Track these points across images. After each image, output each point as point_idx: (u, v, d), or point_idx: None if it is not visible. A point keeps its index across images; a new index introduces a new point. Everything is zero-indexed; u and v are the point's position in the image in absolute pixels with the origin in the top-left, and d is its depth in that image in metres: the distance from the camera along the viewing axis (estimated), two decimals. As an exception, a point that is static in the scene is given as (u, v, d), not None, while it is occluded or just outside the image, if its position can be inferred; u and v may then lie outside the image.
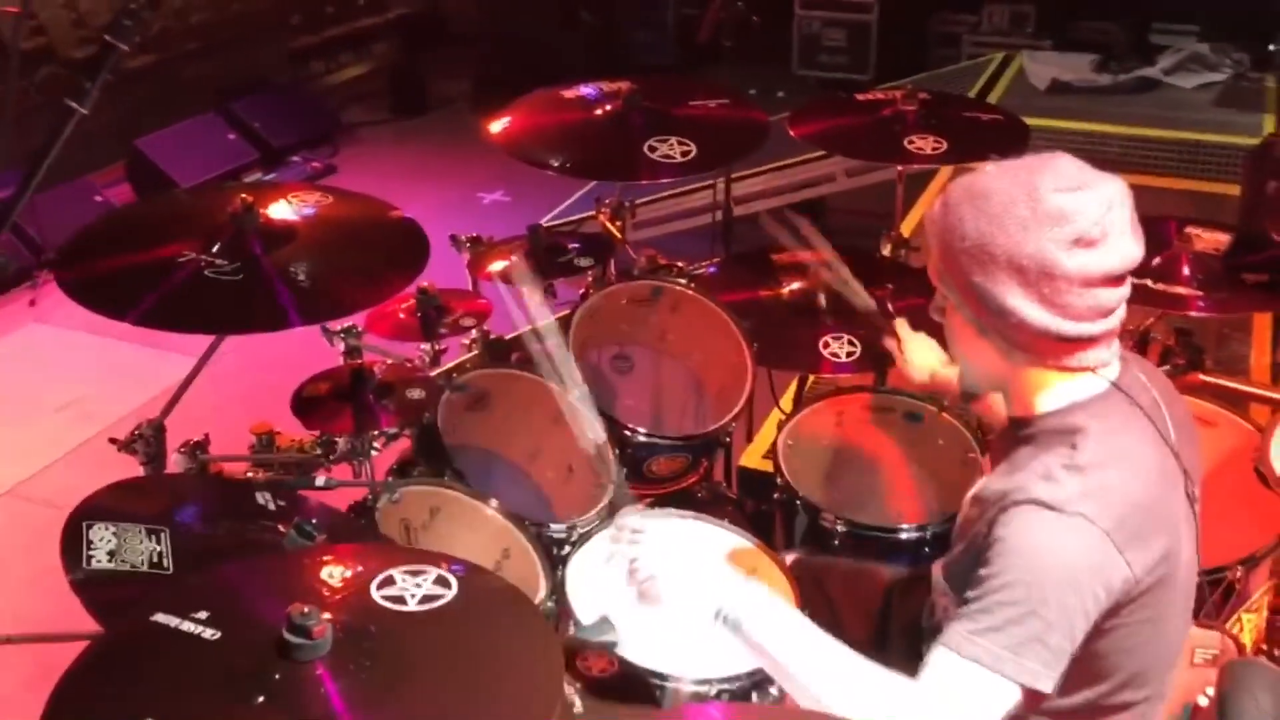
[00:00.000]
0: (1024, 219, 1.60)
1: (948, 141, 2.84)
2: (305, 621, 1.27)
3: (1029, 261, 1.61)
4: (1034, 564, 1.59)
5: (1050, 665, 1.59)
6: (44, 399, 4.37)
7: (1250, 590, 2.52)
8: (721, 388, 2.87)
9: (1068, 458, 1.65)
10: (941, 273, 1.73)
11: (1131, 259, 1.64)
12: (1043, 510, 1.60)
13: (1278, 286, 2.72)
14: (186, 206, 2.24)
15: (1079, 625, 1.60)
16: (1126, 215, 1.64)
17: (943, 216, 1.70)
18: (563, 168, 2.77)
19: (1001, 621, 1.58)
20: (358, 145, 7.21)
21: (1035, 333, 1.65)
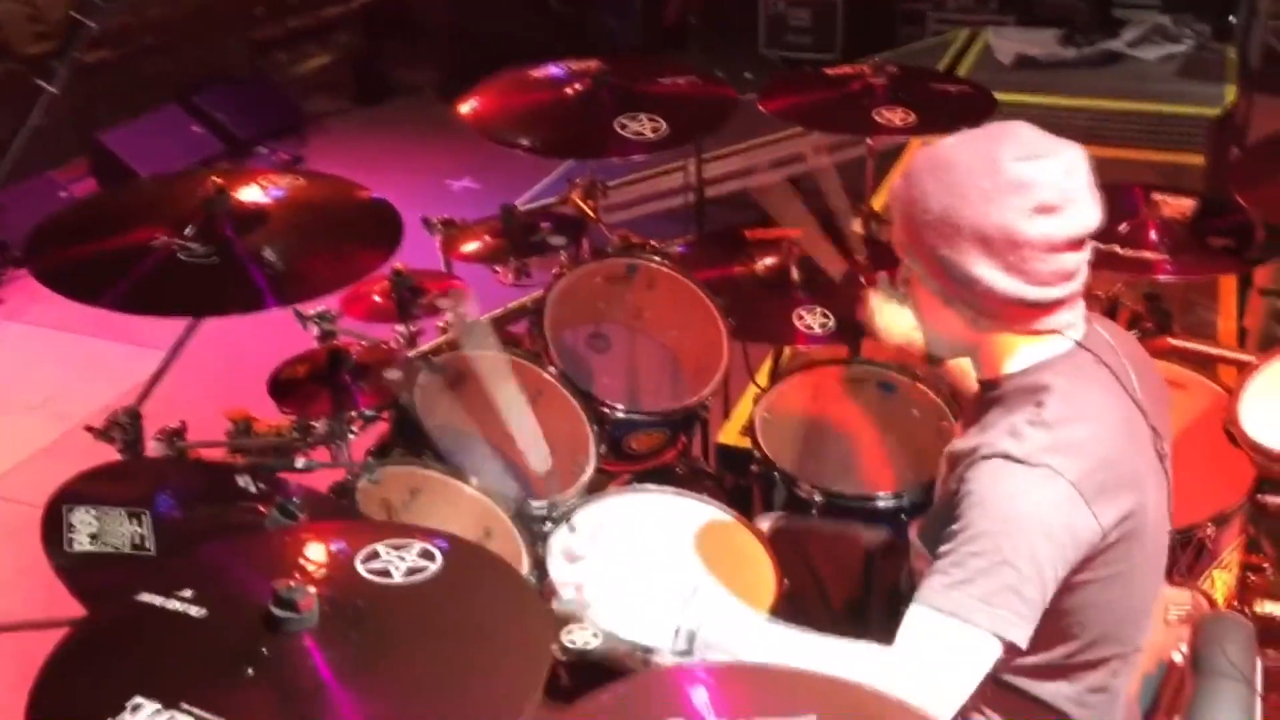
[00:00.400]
0: (986, 190, 1.63)
1: (916, 114, 2.85)
2: (292, 595, 1.27)
3: (994, 231, 1.63)
4: (1003, 514, 1.61)
5: (1024, 616, 1.61)
6: (15, 397, 4.34)
7: (1221, 548, 2.56)
8: (698, 363, 2.88)
9: (1034, 414, 1.68)
10: (906, 245, 1.76)
11: (1092, 223, 1.67)
12: (1010, 463, 1.63)
13: (1242, 250, 2.77)
14: (154, 193, 2.23)
15: (1049, 576, 1.63)
16: (1085, 180, 1.67)
17: (906, 190, 1.72)
18: (534, 147, 2.78)
19: (974, 573, 1.61)
20: (324, 136, 7.16)
21: (1002, 300, 1.68)
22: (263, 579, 1.32)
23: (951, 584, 1.61)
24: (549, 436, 2.65)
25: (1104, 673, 1.83)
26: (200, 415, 2.48)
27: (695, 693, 1.20)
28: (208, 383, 3.37)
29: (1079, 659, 1.79)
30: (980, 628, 1.59)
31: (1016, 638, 1.61)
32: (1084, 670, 1.80)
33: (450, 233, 2.89)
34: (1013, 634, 1.61)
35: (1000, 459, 1.64)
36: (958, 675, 1.62)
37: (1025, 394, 1.73)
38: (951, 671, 1.62)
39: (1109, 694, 1.86)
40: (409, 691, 1.29)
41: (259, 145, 6.75)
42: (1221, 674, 1.94)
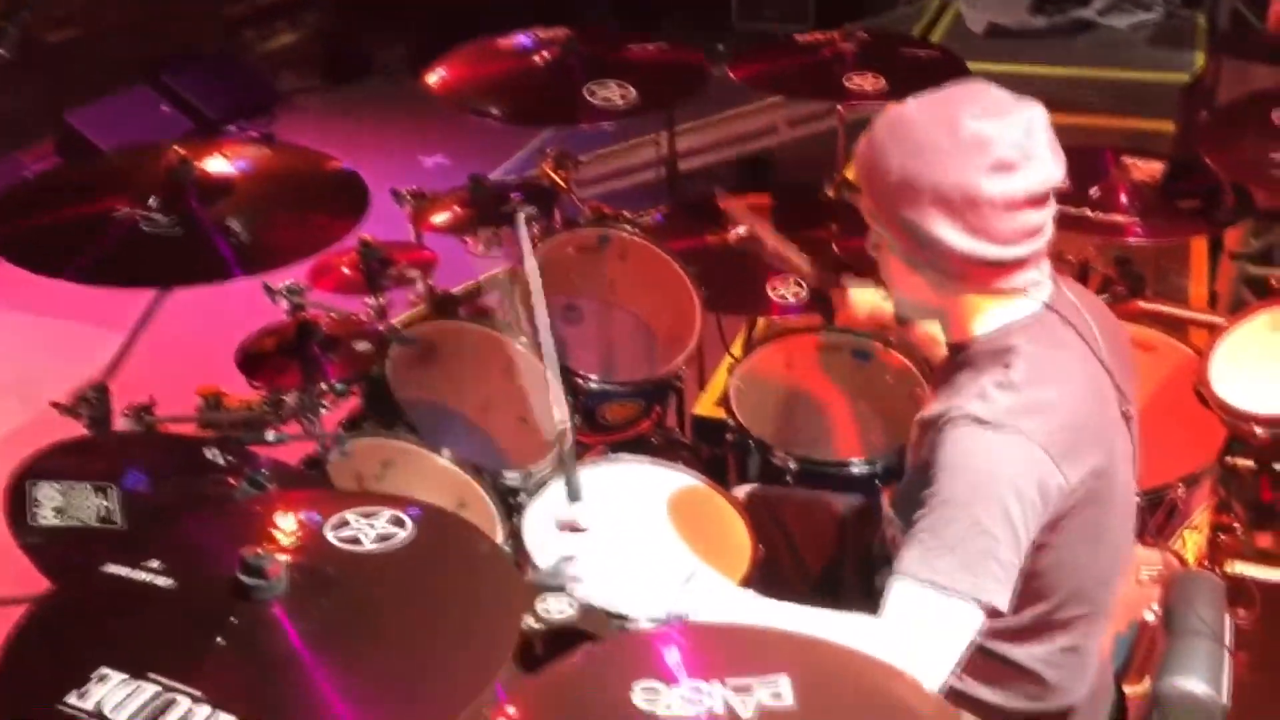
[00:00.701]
0: (945, 149, 1.62)
1: (887, 79, 2.84)
2: (259, 562, 1.26)
3: (953, 191, 1.62)
4: (973, 479, 1.61)
5: (1002, 580, 1.61)
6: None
7: (1192, 509, 2.58)
8: (671, 333, 2.87)
9: (1002, 376, 1.68)
10: (871, 210, 1.75)
11: (1054, 179, 1.66)
12: (978, 426, 1.63)
13: (1212, 212, 2.78)
14: (117, 165, 2.19)
15: (1023, 537, 1.63)
16: (1045, 138, 1.65)
17: (868, 154, 1.71)
18: (503, 115, 2.75)
19: (950, 540, 1.60)
20: (295, 114, 7.08)
21: (965, 260, 1.67)
22: (231, 548, 1.31)
23: (929, 552, 1.61)
24: (522, 407, 2.65)
25: (1075, 633, 1.84)
26: (170, 391, 2.46)
27: (668, 653, 1.20)
28: (177, 358, 3.33)
29: (1050, 620, 1.79)
30: (962, 595, 1.59)
31: (998, 602, 1.61)
32: (1055, 631, 1.81)
33: (419, 204, 2.87)
34: (994, 598, 1.61)
35: (968, 422, 1.63)
36: (944, 644, 1.62)
37: (992, 356, 1.72)
38: (938, 641, 1.62)
39: (1080, 654, 1.87)
40: (379, 658, 1.29)
41: (229, 124, 6.68)
42: (1193, 631, 1.95)
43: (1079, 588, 1.79)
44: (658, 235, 2.96)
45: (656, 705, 1.20)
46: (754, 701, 1.20)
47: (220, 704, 1.17)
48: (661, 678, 1.22)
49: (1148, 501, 2.45)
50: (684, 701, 1.20)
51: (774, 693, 1.21)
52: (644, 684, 1.21)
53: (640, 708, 1.20)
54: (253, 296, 2.49)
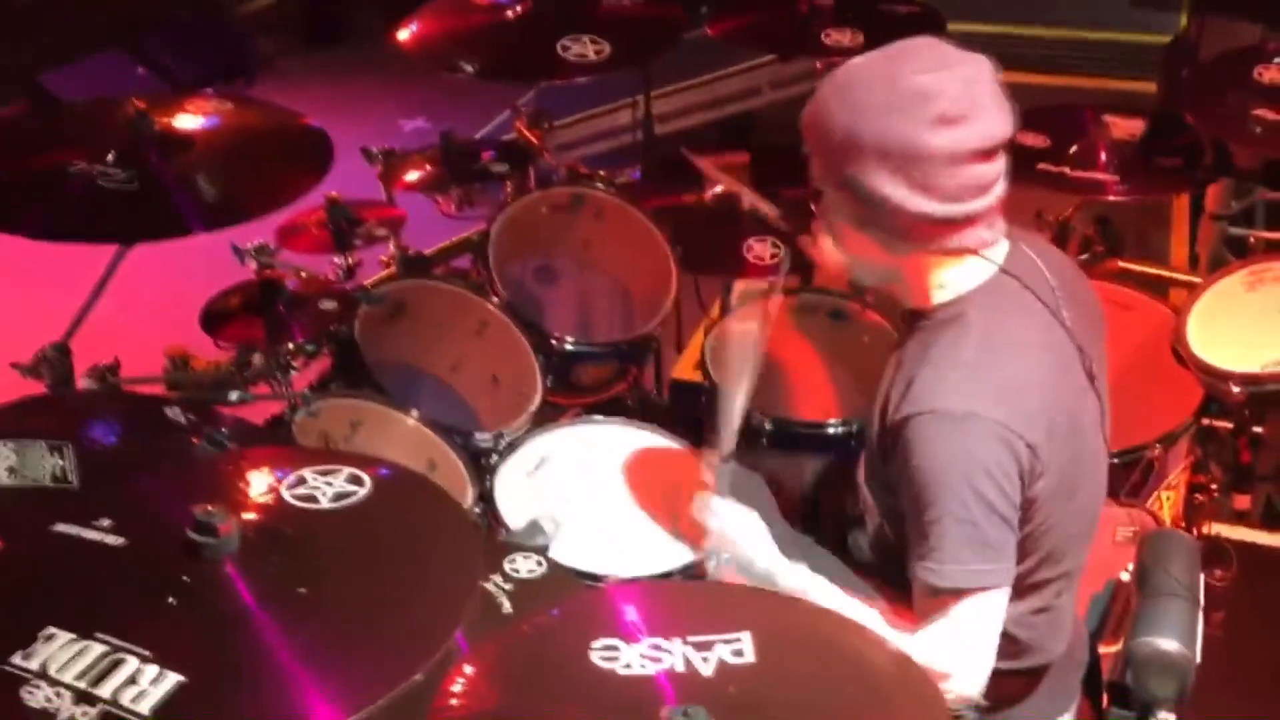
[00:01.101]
0: (885, 103, 1.59)
1: (864, 34, 2.80)
2: (210, 520, 1.24)
3: (894, 146, 1.59)
4: (940, 474, 1.62)
5: (995, 559, 1.64)
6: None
7: (1169, 469, 2.57)
8: (647, 294, 2.85)
9: (953, 354, 1.67)
10: (818, 172, 1.71)
11: (999, 133, 1.62)
12: (936, 418, 1.62)
13: (1191, 169, 2.75)
14: (75, 119, 2.14)
15: (1006, 510, 1.63)
16: (990, 90, 1.62)
17: (814, 114, 1.68)
18: (477, 71, 2.69)
19: (938, 540, 1.63)
20: (273, 78, 6.95)
21: (911, 218, 1.64)
22: (183, 507, 1.28)
23: (926, 558, 1.64)
24: (495, 368, 2.63)
25: (1048, 593, 1.83)
26: (135, 351, 2.42)
27: (629, 611, 1.18)
28: (143, 319, 3.29)
29: (1025, 582, 1.78)
30: (968, 588, 1.63)
31: (1001, 580, 1.65)
32: (1028, 592, 1.80)
33: (391, 163, 2.82)
34: (997, 579, 1.65)
35: (927, 419, 1.63)
36: (973, 635, 1.67)
37: (945, 328, 1.71)
38: (967, 635, 1.67)
39: (1052, 613, 1.86)
40: (334, 616, 1.27)
41: (205, 88, 6.57)
42: (1166, 590, 1.95)
43: (1052, 549, 1.78)
44: (634, 195, 2.93)
45: (615, 663, 1.18)
46: (715, 658, 1.19)
47: (168, 663, 1.14)
48: (621, 635, 1.21)
49: (1124, 461, 2.44)
50: (643, 659, 1.19)
51: (735, 649, 1.19)
52: (603, 642, 1.20)
53: (598, 665, 1.18)
54: (220, 256, 2.45)
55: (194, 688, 1.13)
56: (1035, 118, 2.90)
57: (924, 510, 1.63)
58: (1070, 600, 1.92)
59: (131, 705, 1.10)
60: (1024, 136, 2.88)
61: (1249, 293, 2.55)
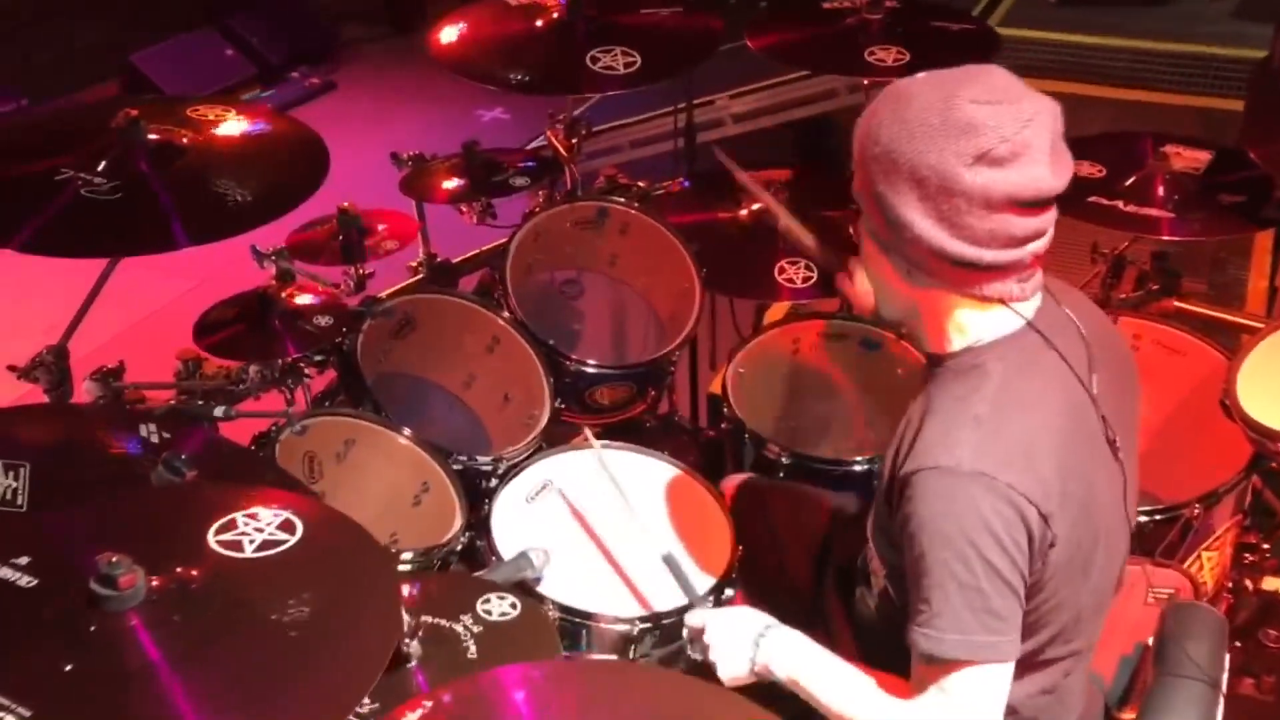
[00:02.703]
0: (933, 127, 1.49)
1: (911, 54, 2.67)
2: (113, 571, 1.19)
3: (929, 173, 1.49)
4: (948, 536, 1.52)
5: (1002, 630, 1.54)
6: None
7: (1213, 527, 2.41)
8: (671, 314, 2.76)
9: (966, 408, 1.57)
10: (858, 179, 1.62)
11: (1045, 187, 1.50)
12: (945, 475, 1.52)
13: (1255, 208, 2.57)
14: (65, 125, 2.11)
15: (1014, 580, 1.53)
16: (1047, 139, 1.50)
17: (865, 121, 1.59)
18: (513, 83, 2.62)
19: (942, 607, 1.53)
20: (358, 62, 7.02)
21: (930, 252, 1.54)
22: (103, 550, 1.23)
23: (925, 624, 1.54)
24: (506, 387, 2.56)
25: (1055, 672, 1.72)
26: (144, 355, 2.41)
27: (520, 697, 1.10)
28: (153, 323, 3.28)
29: (1032, 660, 1.68)
30: (971, 660, 1.54)
31: (1005, 653, 1.55)
32: (1035, 670, 1.70)
33: (417, 170, 2.76)
34: (1000, 652, 1.55)
35: (935, 475, 1.53)
36: (973, 715, 1.57)
37: (962, 377, 1.60)
38: (968, 710, 1.57)
39: (1058, 693, 1.75)
40: (241, 675, 1.21)
41: (291, 70, 6.64)
42: (1183, 672, 1.82)
43: (1063, 628, 1.68)
44: (667, 209, 2.84)
45: (517, 753, 1.11)
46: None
47: (47, 725, 1.09)
48: None
49: (1161, 519, 2.29)
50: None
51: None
52: (507, 729, 1.12)
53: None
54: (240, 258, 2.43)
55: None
56: (1092, 146, 2.76)
57: (925, 573, 1.53)
58: (1080, 678, 1.80)
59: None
60: (1079, 166, 2.73)
61: (1309, 345, 2.37)
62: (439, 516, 2.17)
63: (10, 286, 4.24)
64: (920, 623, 1.55)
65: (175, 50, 6.31)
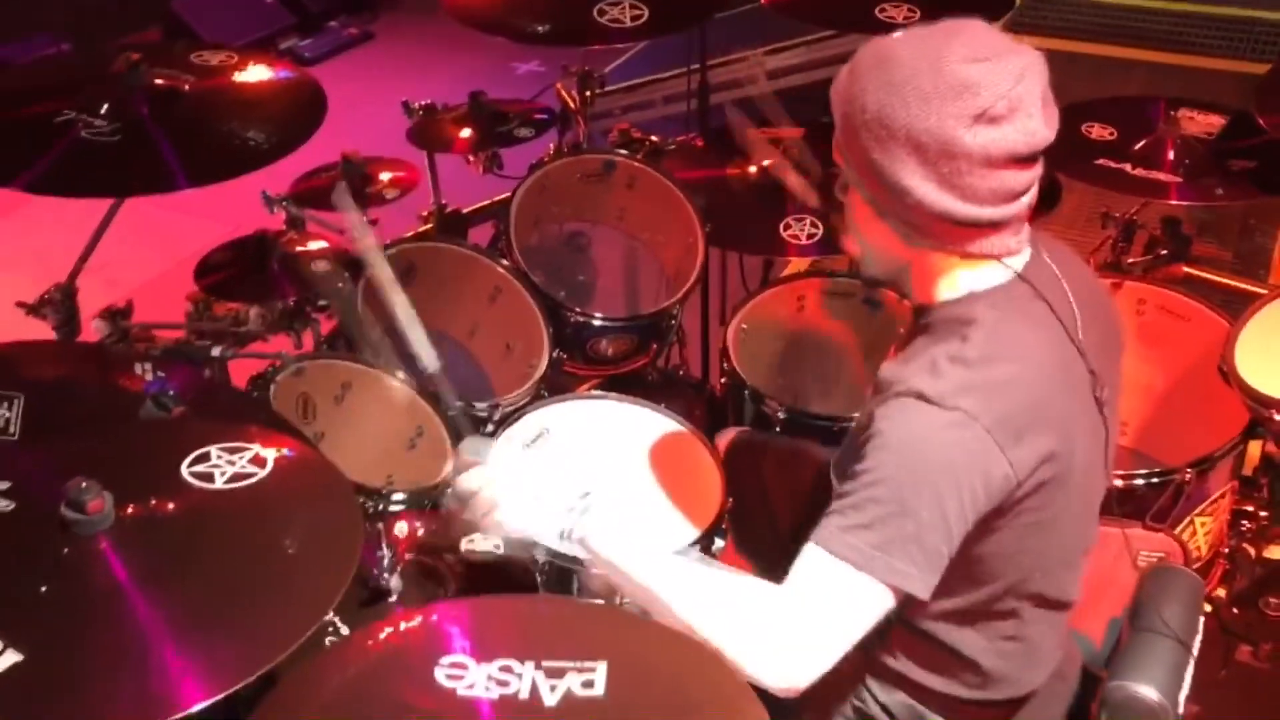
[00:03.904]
0: (925, 91, 1.47)
1: (921, 10, 2.65)
2: (81, 496, 1.24)
3: (928, 138, 1.48)
4: (910, 460, 1.50)
5: (924, 567, 1.50)
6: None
7: (1208, 492, 2.40)
8: (674, 268, 2.78)
9: (957, 349, 1.55)
10: (842, 147, 1.61)
11: (1040, 139, 1.50)
12: (922, 403, 1.51)
13: (1267, 175, 2.53)
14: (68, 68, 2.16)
15: (956, 526, 1.51)
16: (1037, 91, 1.49)
17: (847, 85, 1.56)
18: (520, 34, 2.63)
19: (871, 519, 1.50)
20: (396, 12, 7.01)
21: (934, 215, 1.53)
22: (75, 477, 1.28)
23: (848, 527, 1.51)
24: (508, 336, 2.59)
25: (1018, 623, 1.72)
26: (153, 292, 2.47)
27: (484, 627, 1.14)
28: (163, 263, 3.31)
29: (989, 608, 1.68)
30: (873, 577, 1.49)
31: (914, 588, 1.51)
32: (994, 619, 1.70)
33: (427, 119, 2.79)
34: (910, 586, 1.51)
35: (913, 398, 1.51)
36: (844, 621, 1.52)
37: (952, 325, 1.59)
38: (838, 616, 1.52)
39: (1024, 644, 1.75)
40: (206, 596, 1.26)
41: (331, 19, 6.63)
42: (1155, 631, 1.83)
43: (1022, 578, 1.67)
44: (677, 164, 2.84)
45: (459, 683, 1.15)
46: (563, 687, 1.14)
47: (15, 641, 1.15)
48: (472, 653, 1.17)
49: (1153, 483, 2.29)
50: (490, 680, 1.15)
51: (586, 680, 1.15)
52: (452, 658, 1.16)
53: (441, 684, 1.14)
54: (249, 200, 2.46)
55: (31, 666, 1.13)
56: (1106, 109, 2.73)
57: (874, 484, 1.49)
58: (1050, 632, 1.80)
59: (-40, 683, 1.11)
60: (1090, 129, 2.72)
61: (1308, 314, 2.35)
62: (434, 459, 2.22)
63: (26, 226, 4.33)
64: (842, 525, 1.49)
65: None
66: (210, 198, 2.00)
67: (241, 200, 2.26)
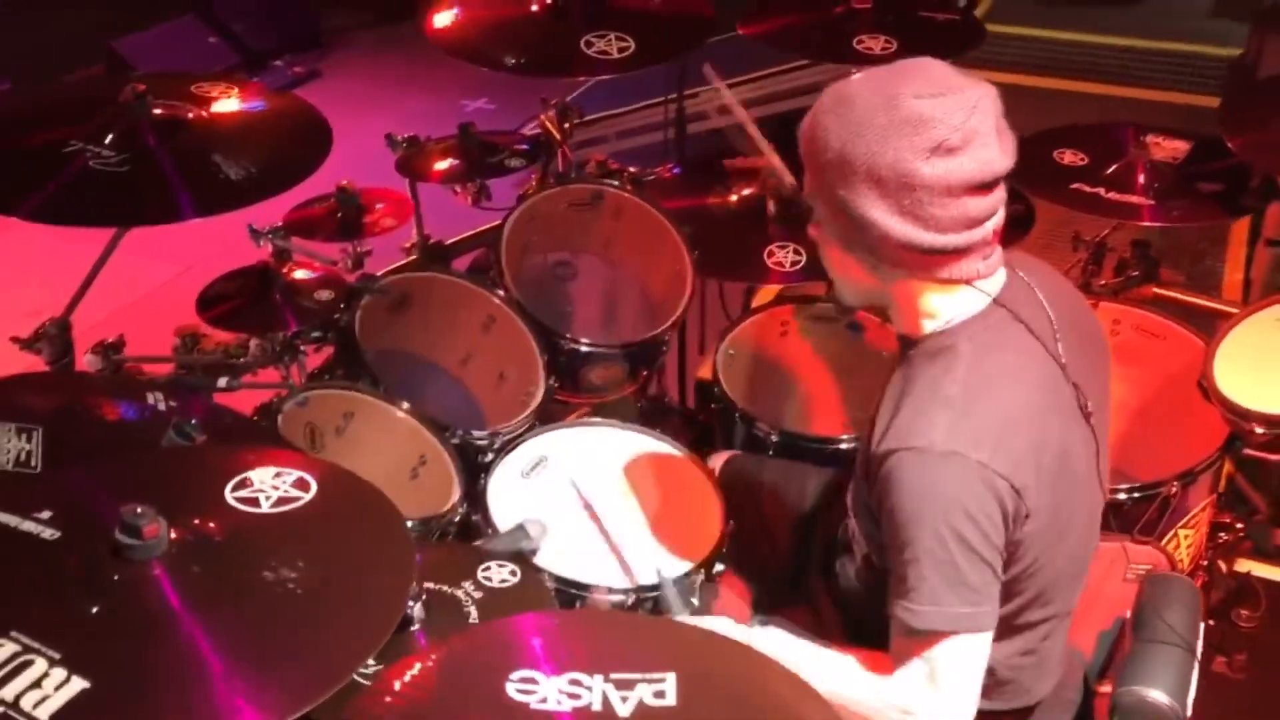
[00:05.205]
0: (882, 127, 1.53)
1: (898, 41, 2.72)
2: (137, 521, 1.22)
3: (887, 171, 1.53)
4: (920, 513, 1.57)
5: (978, 602, 1.59)
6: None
7: (1189, 505, 2.47)
8: (663, 297, 2.80)
9: (938, 389, 1.62)
10: (810, 186, 1.66)
11: (997, 168, 1.56)
12: (918, 455, 1.57)
13: (1233, 196, 2.63)
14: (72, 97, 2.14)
15: (987, 552, 1.58)
16: (991, 122, 1.55)
17: (810, 127, 1.62)
18: (507, 66, 2.65)
19: (917, 581, 1.58)
20: (342, 51, 7.00)
21: (899, 245, 1.59)
22: (124, 504, 1.27)
23: (904, 598, 1.59)
24: (501, 365, 2.60)
25: (1035, 635, 1.78)
26: (143, 329, 2.44)
27: (553, 643, 1.15)
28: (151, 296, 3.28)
29: (1011, 624, 1.73)
30: (948, 631, 1.59)
31: (984, 624, 1.60)
32: (1015, 634, 1.75)
33: (412, 151, 2.80)
34: (979, 622, 1.60)
35: (909, 455, 1.58)
36: (953, 683, 1.62)
37: (933, 359, 1.65)
38: (946, 681, 1.62)
39: (1038, 655, 1.80)
40: (261, 623, 1.25)
41: (274, 59, 6.61)
42: (1160, 638, 1.88)
43: (1041, 591, 1.73)
44: (658, 193, 2.88)
45: (531, 697, 1.15)
46: (635, 699, 1.15)
47: (78, 668, 1.13)
48: (541, 667, 1.17)
49: (1139, 497, 2.36)
50: (561, 694, 1.16)
51: (657, 690, 1.16)
52: (521, 673, 1.17)
53: (513, 698, 1.15)
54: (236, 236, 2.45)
55: (98, 693, 1.12)
56: (1076, 135, 2.83)
57: (903, 549, 1.58)
58: (1059, 642, 1.85)
59: (32, 710, 1.09)
60: (1062, 154, 2.81)
61: (1281, 330, 2.43)
62: (436, 489, 2.21)
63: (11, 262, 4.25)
64: (899, 595, 1.60)
65: (157, 37, 6.27)
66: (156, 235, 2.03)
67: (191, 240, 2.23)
